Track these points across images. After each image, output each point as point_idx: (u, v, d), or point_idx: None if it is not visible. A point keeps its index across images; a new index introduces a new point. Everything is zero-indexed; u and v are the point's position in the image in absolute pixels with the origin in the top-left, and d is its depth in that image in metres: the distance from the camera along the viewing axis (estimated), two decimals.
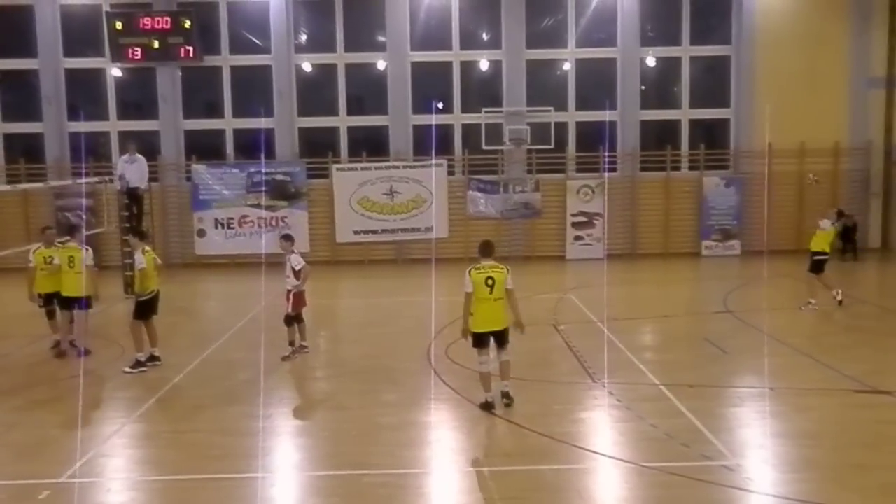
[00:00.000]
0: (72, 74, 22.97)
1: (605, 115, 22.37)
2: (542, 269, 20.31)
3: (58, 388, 10.61)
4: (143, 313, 11.51)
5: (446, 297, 14.36)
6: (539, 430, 8.53)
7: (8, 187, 19.71)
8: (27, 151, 22.91)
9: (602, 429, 8.81)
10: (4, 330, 14.30)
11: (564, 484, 7.29)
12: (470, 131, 23.03)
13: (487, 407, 9.22)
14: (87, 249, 12.18)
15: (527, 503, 6.92)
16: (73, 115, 22.97)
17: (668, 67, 23.46)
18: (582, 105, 23.18)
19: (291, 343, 11.88)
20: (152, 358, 11.55)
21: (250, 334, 13.06)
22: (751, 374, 10.72)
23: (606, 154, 22.26)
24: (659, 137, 23.41)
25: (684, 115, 23.41)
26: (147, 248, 11.89)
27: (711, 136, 23.48)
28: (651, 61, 23.27)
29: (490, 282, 9.12)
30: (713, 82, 23.59)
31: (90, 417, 9.41)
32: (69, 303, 12.07)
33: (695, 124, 23.46)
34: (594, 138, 22.60)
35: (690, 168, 23.28)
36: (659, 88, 23.95)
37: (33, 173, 22.32)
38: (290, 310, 11.77)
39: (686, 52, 23.18)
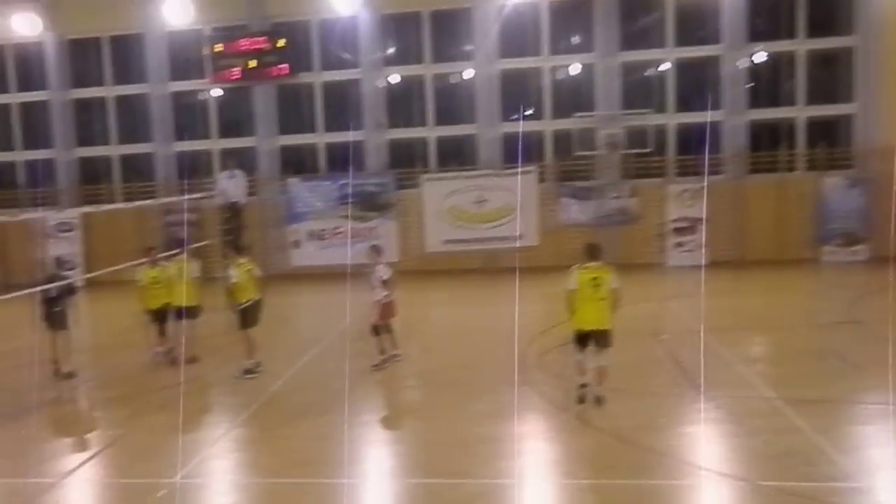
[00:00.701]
0: (177, 97, 24.00)
1: (707, 116, 21.70)
2: (641, 278, 19.48)
3: (168, 394, 10.99)
4: (245, 322, 11.88)
5: (537, 307, 14.23)
6: (641, 443, 8.29)
7: (123, 205, 21.37)
8: (140, 171, 24.05)
9: (710, 443, 8.39)
10: (119, 340, 14.97)
11: (668, 500, 7.07)
12: (561, 137, 22.83)
13: (582, 390, 9.40)
14: (194, 262, 12.70)
15: None
16: (179, 135, 23.97)
17: (779, 62, 22.43)
18: (682, 106, 22.48)
19: (382, 352, 12.00)
20: (255, 366, 11.90)
21: (343, 343, 13.23)
22: (881, 389, 9.43)
23: (709, 156, 21.51)
24: (770, 137, 22.46)
25: (799, 112, 22.26)
26: (242, 260, 12.24)
27: (831, 135, 22.25)
28: (759, 57, 22.34)
29: (596, 281, 9.23)
30: (832, 76, 22.31)
31: (198, 422, 9.83)
32: (179, 313, 12.58)
33: (811, 122, 22.25)
34: (696, 141, 21.71)
35: (808, 169, 22.05)
36: (768, 85, 22.78)
37: (145, 191, 23.39)
38: (377, 319, 11.95)
39: (801, 44, 22.01)
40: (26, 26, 23.31)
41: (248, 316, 11.94)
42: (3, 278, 23.24)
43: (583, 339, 9.42)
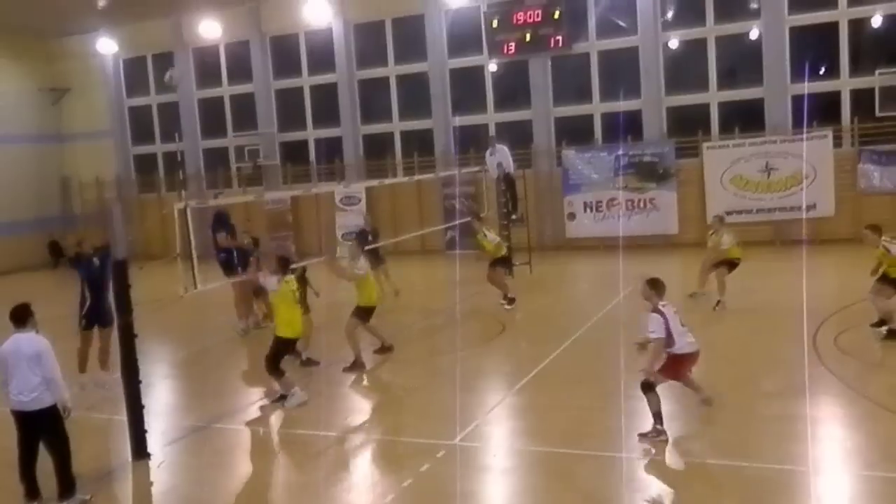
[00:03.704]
0: (455, 73, 25.00)
1: None
2: None
3: (451, 358, 11.61)
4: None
5: (833, 281, 13.10)
6: None
7: (405, 178, 22.66)
8: (420, 145, 25.45)
9: None
10: (407, 303, 15.95)
11: None
12: (861, 97, 20.62)
13: None
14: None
15: None
16: (457, 109, 24.97)
17: None
18: None
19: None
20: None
21: (620, 314, 13.12)
22: None
23: None
24: None
25: None
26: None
27: None
28: None
29: None
30: None
31: (476, 387, 10.23)
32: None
33: None
34: None
35: None
36: None
37: (424, 165, 24.76)
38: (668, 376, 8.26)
39: None
40: (317, 15, 25.33)
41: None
42: (298, 246, 25.93)
43: None
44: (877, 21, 20.59)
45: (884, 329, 10.93)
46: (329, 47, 26.07)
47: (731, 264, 13.87)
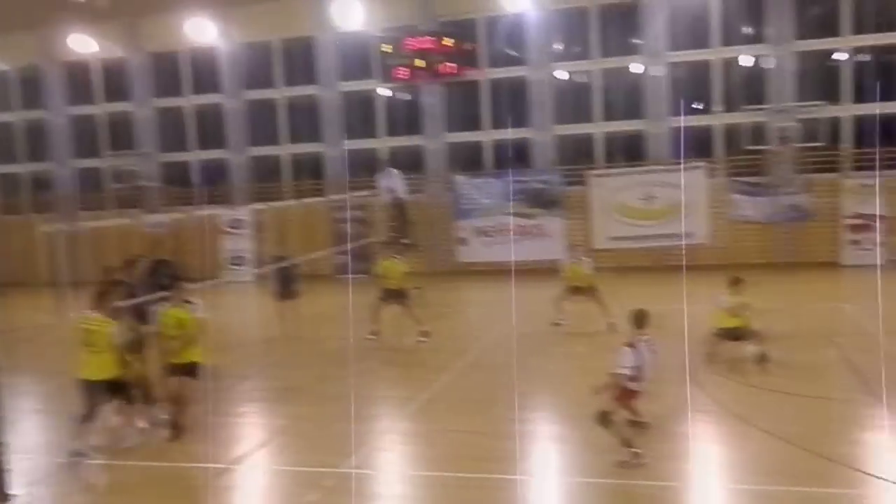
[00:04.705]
0: (347, 97, 24.98)
1: (893, 107, 20.11)
2: (814, 277, 18.84)
3: (341, 384, 11.50)
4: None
5: (707, 306, 13.72)
6: (812, 449, 7.94)
7: (294, 202, 22.41)
8: (311, 170, 25.24)
9: (888, 452, 7.95)
10: (302, 332, 15.57)
11: None
12: (732, 132, 21.92)
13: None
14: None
15: None
16: (349, 134, 24.93)
17: None
18: (861, 97, 21.01)
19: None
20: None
21: (510, 340, 13.34)
22: None
23: (888, 150, 19.92)
24: None
25: None
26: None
27: None
28: None
29: None
30: None
31: (367, 414, 10.14)
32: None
33: None
34: (882, 133, 19.98)
35: None
36: None
37: (315, 189, 24.55)
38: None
39: None
40: (200, 32, 24.84)
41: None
42: (181, 271, 24.93)
43: None
44: (747, 61, 21.97)
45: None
46: (215, 66, 25.58)
47: (591, 290, 14.66)
